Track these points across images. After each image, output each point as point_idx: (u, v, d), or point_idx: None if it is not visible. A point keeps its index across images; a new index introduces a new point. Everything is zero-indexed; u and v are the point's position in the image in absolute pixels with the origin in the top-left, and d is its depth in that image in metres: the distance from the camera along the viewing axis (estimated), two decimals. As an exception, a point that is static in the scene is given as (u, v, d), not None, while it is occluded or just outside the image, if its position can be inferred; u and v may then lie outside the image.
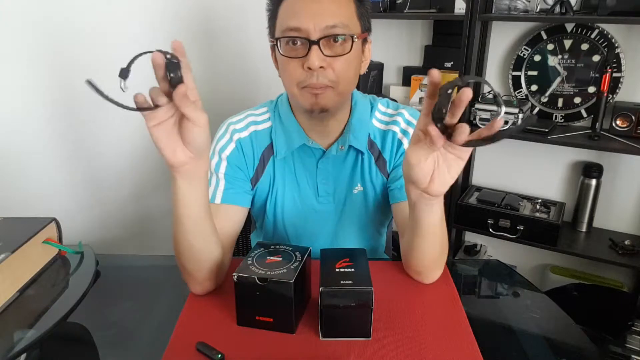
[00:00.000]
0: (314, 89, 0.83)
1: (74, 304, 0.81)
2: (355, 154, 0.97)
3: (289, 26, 0.81)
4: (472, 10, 1.67)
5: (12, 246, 0.81)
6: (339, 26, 0.81)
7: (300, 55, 0.82)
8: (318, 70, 0.81)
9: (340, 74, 0.83)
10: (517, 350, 0.76)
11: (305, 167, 0.98)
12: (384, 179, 0.99)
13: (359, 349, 0.70)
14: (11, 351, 0.69)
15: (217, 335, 0.73)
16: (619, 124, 1.68)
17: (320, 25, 0.80)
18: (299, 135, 0.94)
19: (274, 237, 1.05)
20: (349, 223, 1.03)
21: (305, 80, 0.82)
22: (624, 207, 1.85)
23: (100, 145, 1.38)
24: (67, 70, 1.25)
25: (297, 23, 0.80)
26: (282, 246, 0.80)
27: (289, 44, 0.83)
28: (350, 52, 0.83)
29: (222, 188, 0.93)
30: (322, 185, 0.99)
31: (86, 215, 1.39)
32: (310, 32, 0.80)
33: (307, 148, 0.96)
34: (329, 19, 0.80)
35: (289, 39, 0.82)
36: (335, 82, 0.83)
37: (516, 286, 0.97)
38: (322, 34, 0.80)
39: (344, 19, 0.82)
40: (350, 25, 0.83)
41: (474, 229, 1.92)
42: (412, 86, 1.98)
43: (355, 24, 0.85)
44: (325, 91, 0.84)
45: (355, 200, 1.01)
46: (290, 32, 0.81)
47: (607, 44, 1.70)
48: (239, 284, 0.72)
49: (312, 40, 0.80)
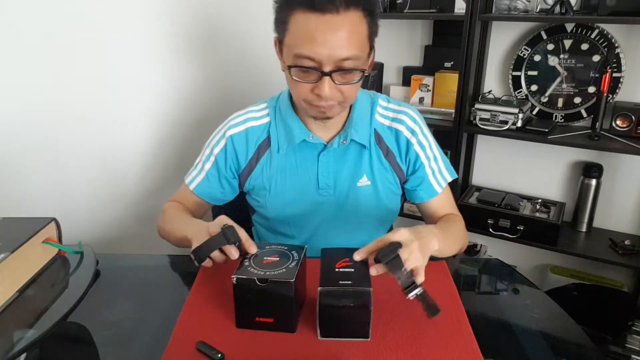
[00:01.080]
0: (321, 107, 0.87)
1: (73, 304, 0.81)
2: (359, 148, 1.00)
3: (302, 54, 0.82)
4: (472, 10, 1.67)
5: (12, 246, 0.81)
6: (352, 59, 0.82)
7: (311, 81, 0.85)
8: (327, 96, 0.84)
9: (348, 96, 0.88)
10: (517, 349, 0.76)
11: (306, 161, 1.01)
12: (394, 175, 1.03)
13: (359, 348, 0.70)
14: (11, 351, 0.69)
15: (217, 335, 0.73)
16: (619, 124, 1.68)
17: (333, 57, 0.81)
18: (300, 130, 0.97)
19: (276, 228, 1.08)
20: (351, 216, 1.04)
21: (314, 101, 0.86)
22: (624, 207, 1.85)
23: (100, 146, 1.38)
24: (67, 70, 1.25)
25: (310, 53, 0.81)
26: (277, 246, 0.80)
27: (300, 69, 0.84)
28: (358, 81, 0.87)
29: (199, 180, 1.05)
30: (322, 178, 1.00)
31: (86, 215, 1.39)
32: (323, 64, 0.81)
33: (308, 143, 0.98)
34: (342, 51, 0.81)
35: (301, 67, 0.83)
36: (343, 102, 0.88)
37: (516, 286, 0.97)
38: (334, 66, 0.82)
39: (356, 50, 0.82)
40: (361, 55, 0.84)
41: (473, 229, 1.92)
42: (412, 86, 1.98)
43: (365, 51, 0.86)
44: (333, 106, 0.88)
45: (360, 194, 1.02)
46: (303, 60, 0.82)
47: (607, 44, 1.70)
48: (238, 286, 0.71)
49: (324, 72, 0.82)
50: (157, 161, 1.53)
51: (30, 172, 1.24)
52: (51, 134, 1.26)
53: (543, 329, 0.82)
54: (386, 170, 1.02)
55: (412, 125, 1.01)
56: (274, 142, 1.00)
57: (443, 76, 1.90)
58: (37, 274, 0.88)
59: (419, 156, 1.01)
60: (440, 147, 1.07)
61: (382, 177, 1.02)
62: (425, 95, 1.97)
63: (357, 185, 1.01)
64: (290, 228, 1.06)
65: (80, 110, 1.30)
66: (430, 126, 1.94)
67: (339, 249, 0.80)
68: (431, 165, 1.03)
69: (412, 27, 2.05)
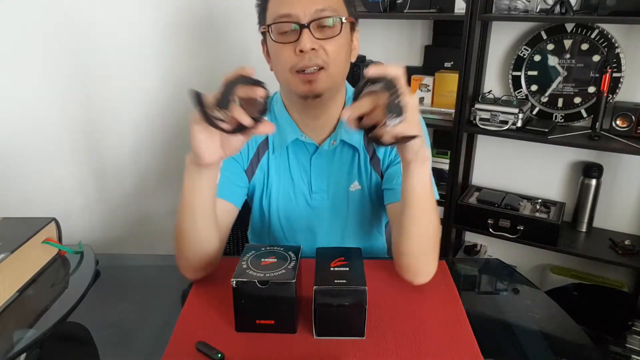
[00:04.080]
0: (307, 74, 0.85)
1: (74, 304, 0.81)
2: (352, 151, 0.98)
3: (279, 14, 0.84)
4: (472, 10, 1.67)
5: (12, 246, 0.81)
6: (328, 10, 0.84)
7: (291, 40, 0.85)
8: (310, 52, 0.83)
9: (332, 56, 0.86)
10: (517, 350, 0.76)
11: (299, 163, 1.00)
12: (378, 179, 1.00)
13: (359, 348, 0.70)
14: (11, 351, 0.69)
15: (217, 335, 0.73)
16: (619, 124, 1.68)
17: (309, 9, 0.83)
18: (292, 130, 0.96)
19: (269, 233, 1.06)
20: (344, 220, 1.03)
21: (298, 63, 0.85)
22: (624, 207, 1.85)
23: (100, 146, 1.38)
24: (67, 70, 1.25)
25: (287, 10, 0.83)
26: (273, 247, 0.80)
27: (280, 30, 0.86)
28: (340, 34, 0.86)
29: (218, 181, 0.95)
30: (315, 182, 1.00)
31: (86, 215, 1.39)
32: (300, 17, 0.83)
33: (301, 143, 0.97)
34: (317, 3, 0.83)
35: (280, 25, 0.85)
36: (327, 63, 0.86)
37: (516, 286, 0.97)
38: (311, 17, 0.83)
39: (331, 3, 0.85)
40: (338, 9, 0.86)
41: (474, 229, 1.92)
42: (412, 86, 1.98)
43: (343, 9, 0.88)
44: (319, 75, 0.86)
45: (352, 198, 1.01)
46: (281, 18, 0.85)
47: (607, 44, 1.70)
48: (238, 289, 0.71)
49: (302, 24, 0.83)
50: (158, 161, 1.53)
51: (31, 172, 1.24)
52: (51, 134, 1.26)
53: (543, 329, 0.82)
54: (372, 174, 0.99)
55: None
56: (270, 142, 0.99)
57: (443, 76, 1.91)
58: (37, 274, 0.88)
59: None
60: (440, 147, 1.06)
61: (370, 182, 1.00)
62: (425, 95, 1.97)
63: (350, 189, 1.00)
64: (284, 232, 1.04)
65: (80, 110, 1.30)
66: (430, 126, 1.96)
67: (333, 248, 0.80)
68: None
69: (412, 27, 2.05)
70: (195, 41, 1.56)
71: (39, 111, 1.22)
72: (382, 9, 1.88)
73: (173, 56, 1.50)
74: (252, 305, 0.72)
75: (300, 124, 0.97)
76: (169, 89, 1.51)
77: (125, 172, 1.46)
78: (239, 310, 0.73)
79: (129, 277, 0.98)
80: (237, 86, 0.66)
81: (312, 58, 0.84)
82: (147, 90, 1.45)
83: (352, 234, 1.05)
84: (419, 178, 0.75)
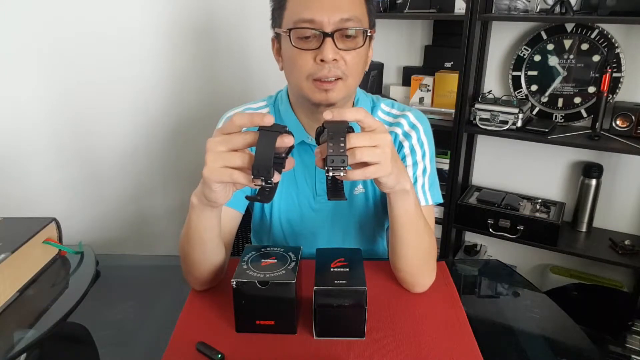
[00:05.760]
0: (324, 83, 0.82)
1: (74, 304, 0.81)
2: None
3: (301, 18, 0.80)
4: (472, 10, 1.67)
5: (12, 246, 0.81)
6: (353, 20, 0.81)
7: (312, 47, 0.81)
8: (331, 62, 0.81)
9: (351, 67, 0.83)
10: (517, 350, 0.76)
11: (304, 166, 0.98)
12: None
13: (359, 348, 0.70)
14: (11, 351, 0.69)
15: (217, 335, 0.73)
16: (619, 124, 1.68)
17: (334, 17, 0.79)
18: (298, 132, 0.94)
19: (270, 235, 1.05)
20: (347, 224, 1.02)
21: (317, 72, 0.82)
22: (624, 207, 1.85)
23: (100, 146, 1.38)
24: (67, 70, 1.25)
25: (310, 15, 0.79)
26: (273, 248, 0.80)
27: (300, 35, 0.82)
28: (362, 46, 0.83)
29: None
30: (320, 185, 0.99)
31: (86, 215, 1.39)
32: (324, 25, 0.79)
33: (307, 146, 0.96)
34: (343, 12, 0.80)
35: (301, 30, 0.81)
36: (346, 74, 0.83)
37: (516, 286, 0.97)
38: (336, 27, 0.80)
39: (357, 12, 0.82)
40: (362, 20, 0.83)
41: (473, 229, 1.92)
42: (412, 86, 1.98)
43: (365, 19, 0.85)
44: (336, 85, 0.83)
45: (356, 202, 1.00)
46: (303, 23, 0.80)
47: (607, 44, 1.70)
48: (238, 290, 0.71)
49: (326, 32, 0.79)
50: (158, 161, 1.53)
51: (31, 173, 1.24)
52: (51, 134, 1.26)
53: (543, 329, 0.82)
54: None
55: (408, 130, 0.96)
56: None
57: (443, 76, 1.91)
58: (37, 274, 0.88)
59: (405, 158, 0.96)
60: (440, 147, 1.05)
61: (374, 186, 0.98)
62: (425, 95, 1.97)
63: (354, 192, 0.99)
64: (284, 234, 1.03)
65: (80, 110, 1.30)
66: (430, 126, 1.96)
67: (333, 249, 0.80)
68: (415, 173, 0.96)
69: (412, 27, 2.05)
70: (195, 45, 1.56)
71: (39, 111, 1.23)
72: (382, 8, 1.88)
73: (172, 58, 1.49)
74: (252, 305, 0.72)
75: (306, 127, 0.94)
76: (169, 90, 1.51)
77: (126, 173, 1.46)
78: (239, 310, 0.73)
79: (129, 278, 0.98)
80: (274, 149, 0.62)
81: (332, 69, 0.81)
82: (147, 91, 1.45)
83: (353, 237, 1.04)
84: (401, 209, 0.76)
